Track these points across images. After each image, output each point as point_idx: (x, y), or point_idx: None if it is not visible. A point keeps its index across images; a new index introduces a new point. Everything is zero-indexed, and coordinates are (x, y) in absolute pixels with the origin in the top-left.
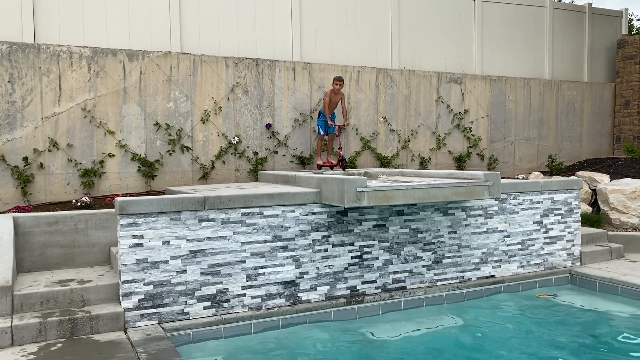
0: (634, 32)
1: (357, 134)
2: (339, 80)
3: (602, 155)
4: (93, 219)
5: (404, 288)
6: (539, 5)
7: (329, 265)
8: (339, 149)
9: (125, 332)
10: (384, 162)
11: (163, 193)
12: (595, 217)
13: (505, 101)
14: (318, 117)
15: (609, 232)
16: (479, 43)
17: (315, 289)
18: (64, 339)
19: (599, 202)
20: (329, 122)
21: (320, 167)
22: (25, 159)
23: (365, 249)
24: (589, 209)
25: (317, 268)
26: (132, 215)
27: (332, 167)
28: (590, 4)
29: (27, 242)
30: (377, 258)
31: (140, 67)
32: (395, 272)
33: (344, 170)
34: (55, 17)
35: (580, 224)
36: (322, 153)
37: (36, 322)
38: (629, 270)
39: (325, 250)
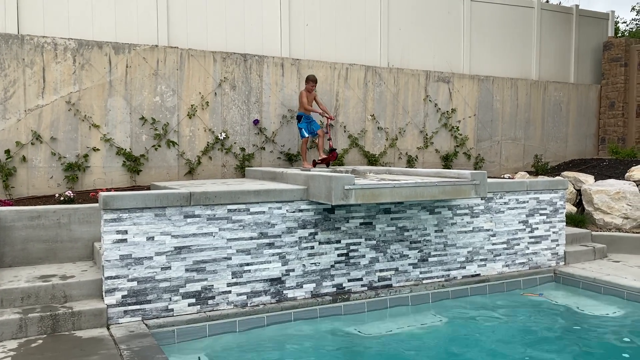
0: (620, 34)
1: (345, 131)
2: (314, 82)
3: (587, 156)
4: (76, 213)
5: (390, 286)
6: (527, 6)
7: (315, 263)
8: (328, 140)
9: (108, 329)
10: (372, 160)
11: (148, 188)
12: (579, 217)
13: (493, 101)
14: (299, 121)
15: (593, 232)
16: (467, 42)
17: (301, 287)
18: (45, 336)
19: (584, 203)
20: (317, 112)
21: (315, 164)
22: (7, 151)
23: (352, 247)
24: (574, 209)
25: (304, 265)
26: (116, 211)
27: (323, 161)
28: (577, 6)
29: (8, 237)
30: (363, 256)
31: (126, 60)
32: (381, 270)
33: (335, 158)
34: (39, 8)
35: (565, 224)
36: (311, 153)
37: (16, 318)
38: (612, 271)
39: (312, 247)
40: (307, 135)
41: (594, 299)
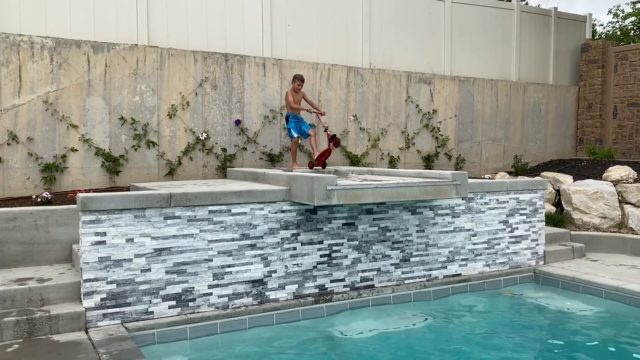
0: (597, 37)
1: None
2: (300, 81)
3: (565, 157)
4: (54, 215)
5: (372, 286)
6: (507, 8)
7: (297, 264)
8: (324, 131)
9: (87, 332)
10: (354, 160)
11: (128, 189)
12: (558, 217)
13: (473, 102)
14: (287, 122)
15: (572, 232)
16: (448, 44)
17: (284, 288)
18: (21, 340)
19: (563, 203)
20: (304, 110)
21: (312, 166)
22: None
23: (334, 248)
24: (553, 209)
25: (286, 267)
26: (94, 212)
27: (319, 160)
28: (556, 8)
29: None
30: (346, 256)
31: (105, 60)
32: (363, 271)
33: (336, 146)
34: (15, 5)
35: (544, 223)
36: (301, 155)
37: None
38: (590, 270)
39: (294, 248)
40: (295, 135)
41: (573, 297)
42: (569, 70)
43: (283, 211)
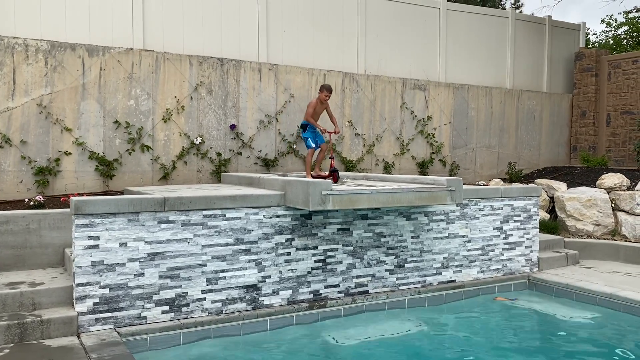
0: (591, 45)
1: None
2: (328, 91)
3: (559, 164)
4: (47, 219)
5: (366, 292)
6: (501, 16)
7: (292, 269)
8: (330, 158)
9: (79, 337)
10: (349, 166)
11: (121, 193)
12: (552, 224)
13: (468, 109)
14: (304, 130)
15: (566, 239)
16: (443, 51)
17: (278, 293)
18: (12, 345)
19: (557, 210)
20: (320, 129)
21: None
22: None
23: (329, 253)
24: (547, 216)
25: (280, 272)
26: (88, 216)
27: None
28: (550, 17)
29: None
30: (340, 262)
31: (100, 63)
32: (358, 277)
33: (336, 182)
34: (10, 8)
35: (538, 230)
36: (314, 166)
37: None
38: (584, 276)
39: (289, 253)
40: (313, 145)
41: (567, 304)
42: (562, 78)
43: (278, 216)
